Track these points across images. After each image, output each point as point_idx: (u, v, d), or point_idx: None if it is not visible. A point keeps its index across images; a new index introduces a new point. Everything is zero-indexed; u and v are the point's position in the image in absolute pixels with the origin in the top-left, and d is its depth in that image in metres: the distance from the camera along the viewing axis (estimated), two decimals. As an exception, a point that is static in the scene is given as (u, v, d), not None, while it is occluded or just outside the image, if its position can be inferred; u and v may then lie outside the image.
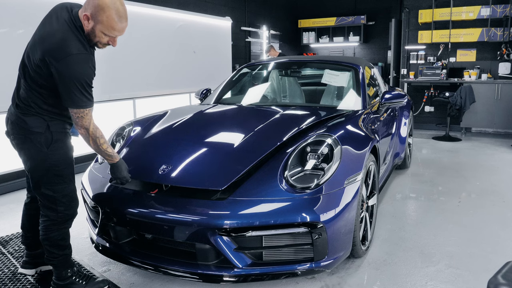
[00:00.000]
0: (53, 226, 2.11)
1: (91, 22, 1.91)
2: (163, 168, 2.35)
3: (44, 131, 2.00)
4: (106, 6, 1.87)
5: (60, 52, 1.86)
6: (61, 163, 2.06)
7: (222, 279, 2.09)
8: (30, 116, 2.00)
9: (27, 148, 2.03)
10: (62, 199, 2.09)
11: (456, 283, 2.38)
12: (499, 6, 6.99)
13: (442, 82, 7.47)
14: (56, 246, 2.14)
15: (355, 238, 2.41)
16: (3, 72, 3.88)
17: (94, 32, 1.93)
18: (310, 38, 10.67)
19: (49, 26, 1.95)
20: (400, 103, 3.54)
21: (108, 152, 2.17)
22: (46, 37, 1.91)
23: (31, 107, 2.00)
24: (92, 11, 1.89)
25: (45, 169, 2.03)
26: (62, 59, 1.85)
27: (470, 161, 5.33)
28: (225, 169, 2.30)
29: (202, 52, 6.75)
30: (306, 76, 4.36)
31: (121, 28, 1.96)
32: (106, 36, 1.96)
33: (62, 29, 1.90)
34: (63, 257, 2.18)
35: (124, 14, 1.95)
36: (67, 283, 2.20)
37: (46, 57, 1.87)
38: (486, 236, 3.03)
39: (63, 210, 2.11)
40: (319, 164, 2.32)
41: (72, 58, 1.87)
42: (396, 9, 9.56)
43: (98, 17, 1.89)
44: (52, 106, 2.02)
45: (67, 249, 2.20)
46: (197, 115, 3.20)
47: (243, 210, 2.08)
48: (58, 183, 2.07)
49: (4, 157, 4.00)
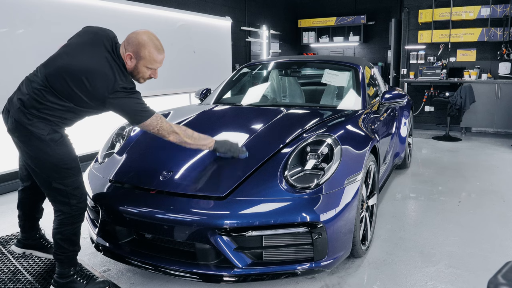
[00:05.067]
0: (67, 220, 2.14)
1: (133, 61, 2.09)
2: (164, 174, 2.34)
3: (49, 133, 2.03)
4: (146, 42, 2.08)
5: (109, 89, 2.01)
6: (67, 157, 2.10)
7: (222, 279, 2.09)
8: (36, 118, 2.01)
9: (34, 145, 2.03)
10: (74, 192, 2.12)
11: (456, 283, 2.38)
12: (499, 6, 6.99)
13: (442, 82, 7.47)
14: (68, 240, 2.16)
15: (355, 238, 2.41)
16: (3, 72, 3.88)
17: (137, 68, 2.11)
18: (310, 38, 10.66)
19: (90, 57, 2.05)
20: (400, 103, 3.53)
21: (202, 143, 2.30)
22: (91, 70, 2.01)
23: (39, 111, 2.01)
24: (134, 49, 2.07)
25: (54, 163, 2.05)
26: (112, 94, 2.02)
27: (470, 161, 5.33)
28: (226, 176, 2.29)
29: (202, 52, 6.75)
30: (306, 76, 4.36)
31: (161, 59, 2.15)
32: (148, 69, 2.14)
33: (107, 66, 2.04)
34: (72, 253, 2.20)
35: (161, 47, 2.15)
36: (68, 282, 2.21)
37: (99, 95, 2.01)
38: (486, 236, 3.03)
39: (76, 203, 2.14)
40: (319, 164, 2.32)
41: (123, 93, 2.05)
42: (396, 9, 9.56)
43: (140, 54, 2.07)
44: (60, 118, 2.07)
45: (77, 246, 2.22)
46: (199, 116, 3.19)
47: (243, 210, 2.08)
48: (68, 176, 2.10)
49: (4, 157, 4.00)
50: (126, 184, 2.40)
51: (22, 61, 3.98)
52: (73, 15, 4.57)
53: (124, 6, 5.26)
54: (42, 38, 4.22)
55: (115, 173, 2.51)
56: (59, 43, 2.25)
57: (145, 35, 2.09)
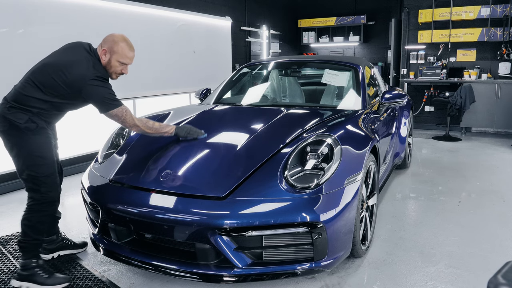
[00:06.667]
0: (36, 207, 2.29)
1: (107, 55, 2.36)
2: (164, 175, 2.34)
3: (26, 121, 2.22)
4: (119, 40, 2.39)
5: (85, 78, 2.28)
6: (42, 146, 2.28)
7: (222, 279, 2.09)
8: (16, 109, 2.23)
9: (11, 134, 2.24)
10: (45, 180, 2.28)
11: (456, 283, 2.38)
12: (499, 6, 6.99)
13: (442, 82, 7.47)
14: (33, 227, 2.29)
15: (355, 238, 2.41)
16: (3, 72, 3.88)
17: (110, 62, 2.38)
18: (310, 38, 10.66)
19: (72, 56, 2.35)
20: (400, 103, 3.53)
21: (163, 131, 2.58)
22: (71, 64, 2.29)
23: (19, 103, 2.23)
24: (109, 45, 2.36)
25: (28, 151, 2.25)
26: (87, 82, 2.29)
27: (470, 161, 5.33)
28: (226, 175, 2.29)
29: (202, 52, 6.75)
30: (306, 76, 4.36)
31: (132, 56, 2.44)
32: (120, 64, 2.40)
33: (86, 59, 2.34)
34: (35, 242, 2.32)
35: (133, 47, 2.45)
36: (30, 274, 2.30)
37: (76, 82, 2.26)
38: (486, 236, 3.03)
39: (46, 191, 2.29)
40: (319, 164, 2.32)
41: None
42: (396, 9, 9.56)
43: (114, 49, 2.36)
44: (39, 109, 2.27)
45: (40, 235, 2.34)
46: (199, 116, 3.18)
47: (243, 210, 2.08)
48: (41, 165, 2.27)
49: (4, 157, 3.99)
50: (126, 184, 2.39)
51: (22, 61, 3.97)
52: (73, 15, 4.57)
53: (124, 6, 5.26)
54: (42, 38, 4.22)
55: (115, 173, 2.51)
56: (59, 43, 2.30)
57: (120, 35, 2.42)
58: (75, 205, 3.74)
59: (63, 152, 4.71)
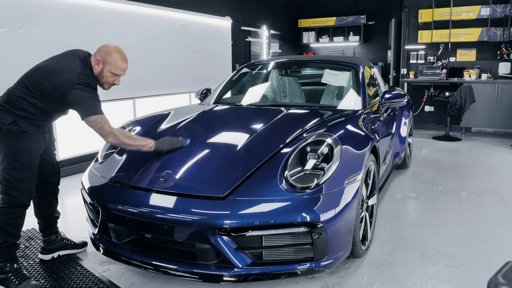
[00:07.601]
0: (5, 210, 2.26)
1: (100, 65, 2.37)
2: (164, 174, 2.34)
3: (10, 123, 2.22)
4: (113, 51, 2.39)
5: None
6: (22, 151, 2.27)
7: (222, 279, 2.09)
8: (3, 111, 2.24)
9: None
10: (18, 184, 2.26)
11: (456, 283, 2.38)
12: (499, 5, 6.99)
13: (442, 82, 7.47)
14: (3, 230, 2.26)
15: (355, 238, 2.41)
16: (3, 72, 3.87)
17: (102, 72, 2.38)
18: (310, 38, 10.65)
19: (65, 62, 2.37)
20: (400, 103, 3.53)
21: (140, 143, 2.48)
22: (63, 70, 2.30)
23: (8, 104, 2.25)
24: (102, 56, 2.37)
25: (6, 154, 2.25)
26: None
27: (470, 161, 5.33)
28: (226, 175, 2.29)
29: (202, 52, 6.75)
30: (306, 76, 4.36)
31: (124, 67, 2.44)
32: (112, 75, 2.40)
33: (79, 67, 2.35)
34: (6, 245, 2.29)
35: (126, 58, 2.45)
36: (1, 278, 2.28)
37: (62, 85, 2.26)
38: (486, 236, 3.03)
39: (17, 196, 2.27)
40: (319, 164, 2.32)
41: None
42: (396, 9, 9.56)
43: (107, 59, 2.36)
44: (26, 111, 2.27)
45: (11, 238, 2.30)
46: (199, 116, 3.18)
47: (243, 210, 2.08)
48: (15, 168, 2.26)
49: None
50: (126, 184, 2.39)
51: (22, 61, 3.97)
52: (73, 15, 4.56)
53: (124, 6, 5.25)
54: (42, 38, 4.22)
55: (115, 173, 2.51)
56: (59, 43, 2.29)
57: (114, 46, 2.42)
58: (75, 205, 3.74)
59: (63, 152, 4.73)
